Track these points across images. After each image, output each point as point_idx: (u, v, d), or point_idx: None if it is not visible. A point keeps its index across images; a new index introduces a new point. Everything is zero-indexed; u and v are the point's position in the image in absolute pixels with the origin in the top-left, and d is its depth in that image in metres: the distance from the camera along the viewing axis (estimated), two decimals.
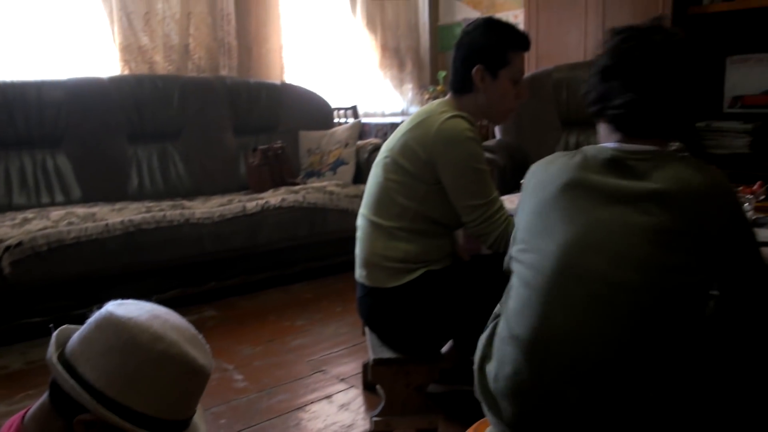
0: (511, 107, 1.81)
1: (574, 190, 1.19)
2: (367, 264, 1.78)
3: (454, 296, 1.70)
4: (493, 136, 3.93)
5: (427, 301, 1.71)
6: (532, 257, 1.20)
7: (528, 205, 1.28)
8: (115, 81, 3.58)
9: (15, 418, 0.97)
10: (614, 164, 1.18)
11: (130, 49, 3.84)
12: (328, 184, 3.58)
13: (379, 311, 1.78)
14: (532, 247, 1.22)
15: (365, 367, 2.18)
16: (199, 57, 4.11)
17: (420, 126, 1.72)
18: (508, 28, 1.76)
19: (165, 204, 3.20)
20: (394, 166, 1.74)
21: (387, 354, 1.75)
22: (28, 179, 3.26)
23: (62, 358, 0.94)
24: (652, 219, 1.11)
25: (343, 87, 4.86)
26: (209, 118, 3.82)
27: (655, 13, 3.50)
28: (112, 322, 0.94)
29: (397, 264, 1.72)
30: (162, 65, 3.96)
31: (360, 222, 1.85)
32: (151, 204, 3.20)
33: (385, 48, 5.11)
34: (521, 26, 4.45)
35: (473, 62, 1.74)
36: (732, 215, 1.15)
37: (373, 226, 1.77)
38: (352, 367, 2.33)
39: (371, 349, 1.79)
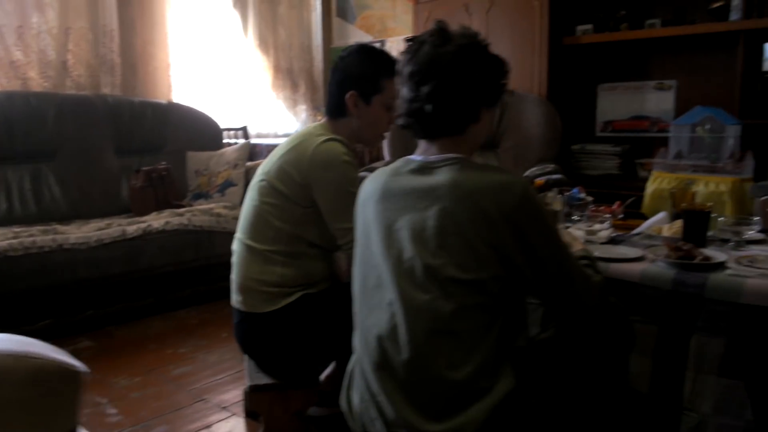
0: (384, 132, 1.85)
1: (385, 203, 1.28)
2: (243, 289, 1.74)
3: (331, 319, 1.69)
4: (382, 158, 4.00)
5: (304, 325, 1.69)
6: None
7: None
8: None
9: None
10: (418, 173, 1.27)
11: (0, 64, 3.60)
12: (215, 206, 3.50)
13: (256, 337, 1.75)
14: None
15: (246, 394, 2.13)
16: (79, 74, 3.91)
17: (295, 149, 1.72)
18: (382, 56, 1.80)
19: (36, 229, 3.00)
20: (269, 189, 1.72)
21: (264, 380, 1.71)
22: None
23: None
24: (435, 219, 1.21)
25: (233, 107, 4.78)
26: (88, 137, 3.64)
27: (533, 42, 3.71)
28: None
29: (274, 288, 1.70)
30: (37, 82, 3.74)
31: (235, 246, 1.81)
32: (19, 229, 2.99)
33: (277, 69, 5.08)
34: None
35: (347, 88, 1.76)
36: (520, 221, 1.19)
37: (249, 250, 1.74)
38: (235, 394, 2.27)
39: (248, 376, 1.75)
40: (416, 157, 1.33)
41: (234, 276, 1.79)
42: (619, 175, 3.77)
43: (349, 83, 1.77)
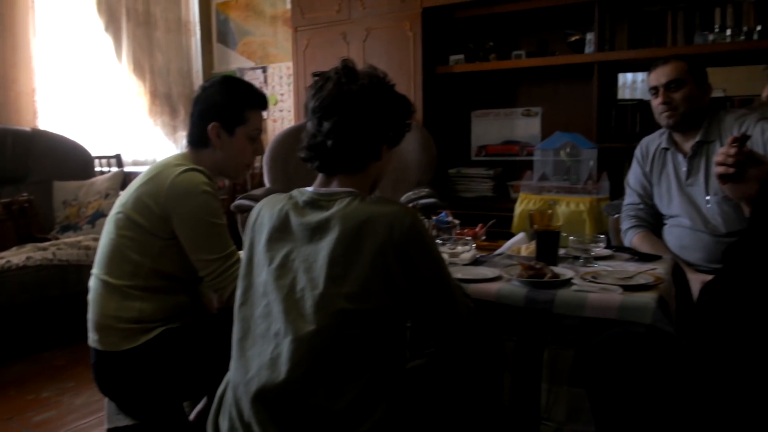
0: (248, 163, 1.84)
1: (279, 233, 1.28)
2: (100, 327, 1.66)
3: (195, 355, 1.65)
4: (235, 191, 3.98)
5: (166, 362, 1.64)
6: None
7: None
8: None
9: None
10: (311, 205, 1.29)
11: None
12: (84, 238, 3.32)
13: (115, 377, 1.67)
14: None
15: None
16: None
17: (153, 180, 1.68)
18: (246, 87, 1.80)
19: None
20: (126, 221, 1.67)
21: (123, 422, 1.64)
22: None
23: None
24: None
25: (106, 134, 4.58)
26: None
27: (408, 70, 3.84)
28: None
29: (132, 325, 1.63)
30: None
31: (91, 283, 1.73)
32: None
33: (154, 94, 4.94)
34: (292, 78, 4.60)
35: (210, 119, 1.74)
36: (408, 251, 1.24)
37: (106, 286, 1.67)
38: None
39: (107, 418, 1.67)
40: (310, 189, 1.34)
41: (90, 314, 1.71)
42: (493, 197, 3.96)
43: (212, 114, 1.75)
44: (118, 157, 4.24)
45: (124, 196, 1.72)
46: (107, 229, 1.72)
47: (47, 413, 2.37)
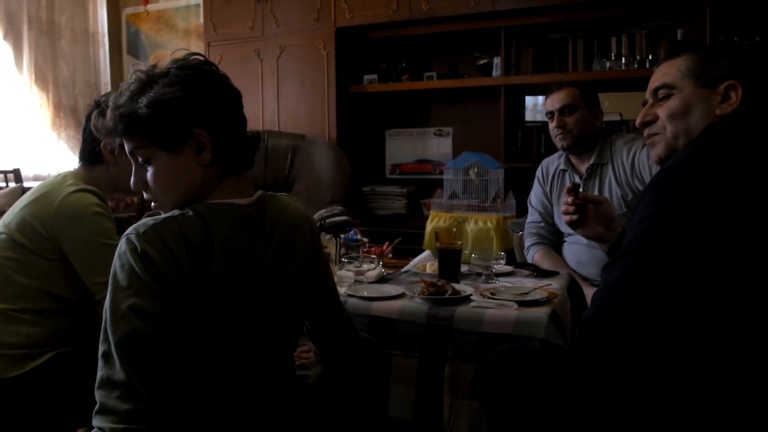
0: (125, 179, 1.74)
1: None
2: None
3: (88, 380, 1.58)
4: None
5: (56, 388, 1.56)
6: None
7: None
8: None
9: None
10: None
11: None
12: None
13: (2, 406, 1.58)
14: None
15: None
16: None
17: (40, 200, 1.61)
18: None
19: None
20: (10, 243, 1.58)
21: None
22: None
23: None
24: None
25: (4, 148, 4.35)
26: None
27: (322, 89, 3.86)
28: None
29: (19, 350, 1.55)
30: None
31: None
32: None
33: (58, 107, 4.73)
34: None
35: None
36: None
37: None
38: None
39: None
40: None
41: None
42: (406, 214, 4.02)
43: None
44: (16, 172, 4.03)
45: (8, 215, 1.64)
46: None
47: None
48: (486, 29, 3.72)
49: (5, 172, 4.03)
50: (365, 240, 2.31)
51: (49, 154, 4.66)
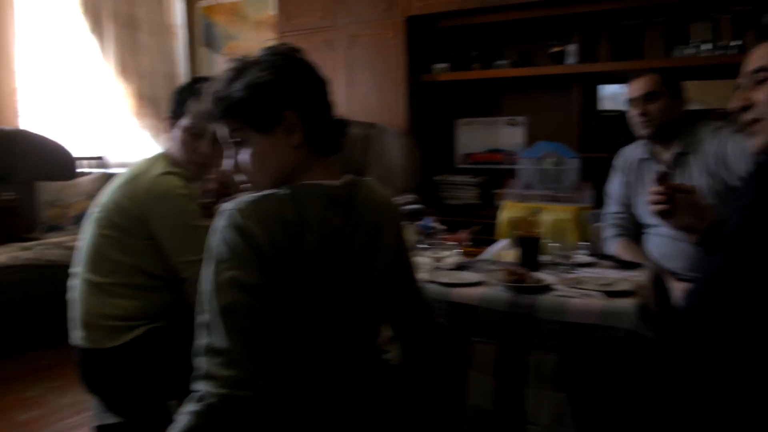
0: (198, 161, 1.78)
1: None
2: (84, 325, 1.68)
3: (179, 354, 1.66)
4: None
5: (151, 360, 1.65)
6: None
7: None
8: None
9: None
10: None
11: None
12: (68, 238, 3.32)
13: (100, 374, 1.68)
14: None
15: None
16: None
17: (131, 182, 1.70)
18: (195, 80, 1.82)
19: None
20: (106, 221, 1.69)
21: (110, 420, 1.65)
22: None
23: None
24: None
25: (91, 136, 4.57)
26: None
27: (393, 78, 3.88)
28: None
29: (117, 322, 1.65)
30: None
31: (73, 282, 1.75)
32: None
33: (141, 96, 4.92)
34: None
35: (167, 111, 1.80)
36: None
37: (88, 284, 1.69)
38: None
39: (94, 416, 1.68)
40: None
41: (73, 313, 1.73)
42: (478, 204, 4.01)
43: (168, 105, 1.80)
44: (102, 159, 4.23)
45: (104, 196, 1.75)
46: (87, 230, 1.74)
47: (33, 412, 2.38)
48: (559, 16, 3.64)
49: (91, 159, 4.24)
50: (441, 227, 2.32)
51: (132, 142, 4.86)
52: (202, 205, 1.77)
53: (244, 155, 1.19)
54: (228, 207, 1.11)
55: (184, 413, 1.01)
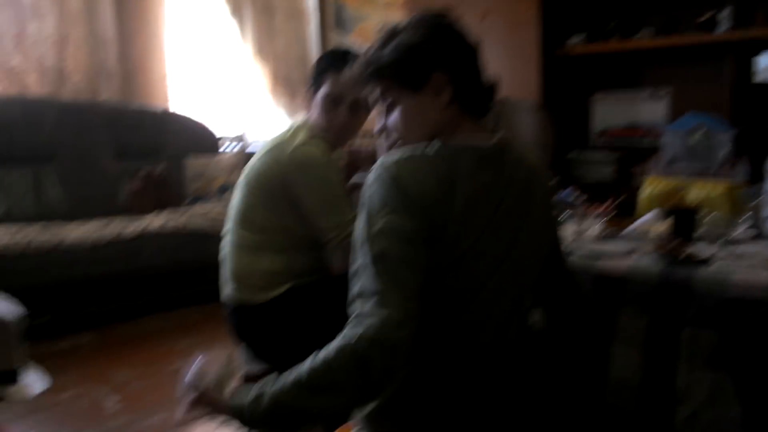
0: (341, 130, 1.82)
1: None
2: (233, 280, 1.79)
3: (320, 312, 1.72)
4: None
5: (294, 316, 1.72)
6: None
7: None
8: None
9: None
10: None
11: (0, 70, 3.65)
12: (213, 209, 3.53)
13: (248, 328, 1.78)
14: None
15: (245, 379, 2.16)
16: (77, 81, 3.96)
17: (275, 150, 1.77)
18: (337, 52, 1.86)
19: (34, 228, 3.03)
20: (253, 185, 1.77)
21: (258, 368, 1.74)
22: None
23: None
24: None
25: (231, 115, 4.83)
26: (87, 142, 3.68)
27: (526, 52, 3.77)
28: None
29: (263, 279, 1.74)
30: (35, 87, 3.78)
31: (224, 242, 1.85)
32: (18, 227, 3.01)
33: (276, 77, 5.13)
34: None
35: (309, 82, 1.84)
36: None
37: (238, 243, 1.79)
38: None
39: (243, 364, 1.78)
40: None
41: (224, 269, 1.83)
42: (614, 182, 3.82)
43: (309, 77, 1.84)
44: (241, 137, 4.46)
45: (251, 162, 1.83)
46: (237, 193, 1.84)
47: (183, 362, 2.54)
48: None
49: (233, 137, 4.48)
50: (583, 198, 2.23)
51: (268, 122, 5.08)
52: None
53: (394, 116, 1.21)
54: (382, 159, 1.12)
55: (333, 348, 1.02)
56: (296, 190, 1.72)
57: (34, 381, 1.02)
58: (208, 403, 1.08)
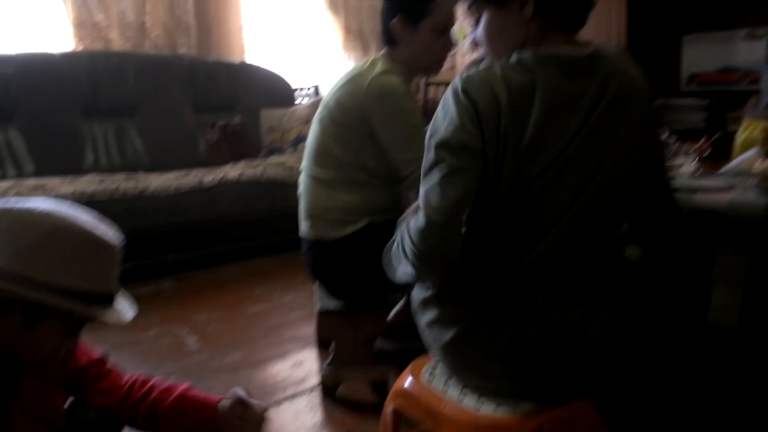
0: (440, 59, 1.78)
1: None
2: (310, 217, 1.78)
3: None
4: None
5: (368, 253, 1.70)
6: None
7: None
8: (67, 57, 3.51)
9: None
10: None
11: (84, 26, 3.75)
12: (288, 159, 3.56)
13: (324, 264, 1.77)
14: None
15: (319, 317, 2.18)
16: (157, 35, 4.03)
17: (352, 81, 1.72)
18: None
19: (119, 176, 3.14)
20: (329, 120, 1.74)
21: (333, 305, 1.74)
22: None
23: None
24: None
25: (305, 68, 4.82)
26: (167, 95, 3.76)
27: None
28: (4, 216, 0.94)
29: (339, 215, 1.72)
30: (118, 43, 3.88)
31: (301, 178, 1.85)
32: (104, 176, 3.14)
33: (348, 30, 5.07)
34: None
35: (394, 13, 1.72)
36: None
37: (314, 179, 1.77)
38: (308, 330, 2.31)
39: (318, 301, 1.78)
40: None
41: (301, 206, 1.83)
42: (705, 130, 3.58)
43: (396, 8, 1.72)
44: (316, 89, 4.46)
45: (327, 97, 1.79)
46: (313, 129, 1.82)
47: (259, 306, 2.64)
48: None
49: (307, 89, 4.49)
50: (673, 137, 2.09)
51: (341, 74, 5.05)
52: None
53: (480, 29, 1.18)
54: (459, 74, 1.10)
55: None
56: (374, 120, 1.67)
57: (127, 307, 1.07)
58: None
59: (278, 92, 4.21)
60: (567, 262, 1.11)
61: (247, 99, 4.04)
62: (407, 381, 1.20)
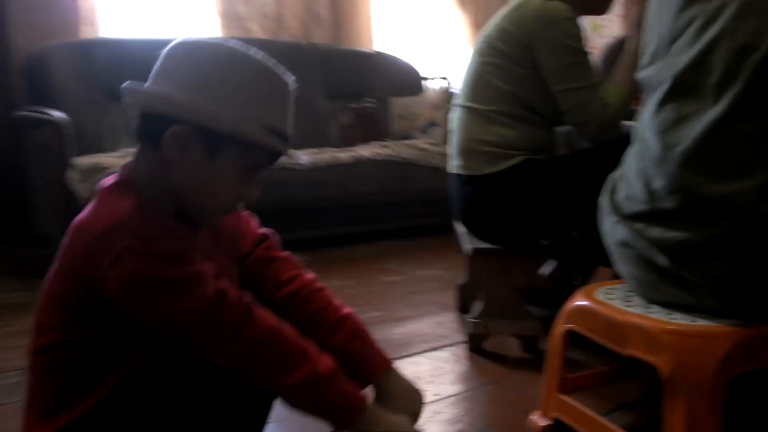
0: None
1: None
2: (463, 151, 1.72)
3: (555, 189, 1.61)
4: None
5: (526, 190, 1.63)
6: None
7: None
8: None
9: (107, 179, 0.91)
10: None
11: (229, 16, 3.96)
12: (420, 141, 3.55)
13: (476, 201, 1.71)
14: None
15: (460, 289, 2.11)
16: (293, 26, 4.20)
17: (517, 9, 1.67)
18: None
19: None
20: (490, 49, 1.69)
21: (485, 245, 1.66)
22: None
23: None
24: None
25: (433, 62, 4.83)
26: (302, 81, 3.81)
27: None
28: (179, 46, 0.90)
29: (495, 149, 1.66)
30: (257, 33, 4.06)
31: (455, 113, 1.81)
32: None
33: (476, 26, 5.01)
34: None
35: None
36: None
37: (469, 112, 1.72)
38: (447, 297, 2.23)
39: (468, 242, 1.71)
40: None
41: (453, 142, 1.78)
42: None
43: None
44: (445, 77, 4.43)
45: (489, 26, 1.75)
46: (471, 60, 1.78)
47: (394, 277, 2.62)
48: None
49: (436, 78, 4.47)
50: None
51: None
52: None
53: None
54: None
55: None
56: (539, 47, 1.61)
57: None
58: None
59: (408, 81, 4.23)
60: None
61: (378, 87, 4.08)
62: (582, 301, 1.11)
